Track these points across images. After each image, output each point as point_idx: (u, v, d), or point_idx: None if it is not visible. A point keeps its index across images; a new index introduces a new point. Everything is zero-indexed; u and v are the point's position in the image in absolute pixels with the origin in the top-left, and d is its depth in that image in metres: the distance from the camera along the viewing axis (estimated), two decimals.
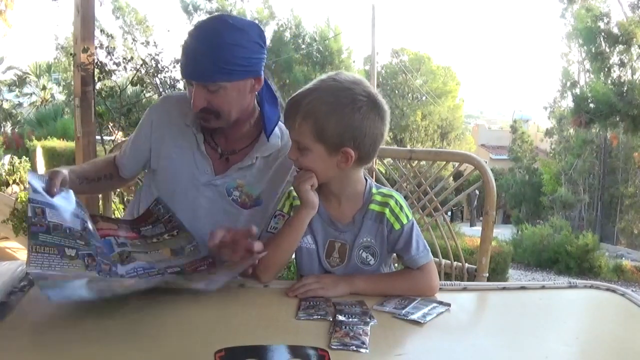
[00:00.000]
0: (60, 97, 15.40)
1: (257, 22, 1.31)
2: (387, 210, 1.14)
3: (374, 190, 1.17)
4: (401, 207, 1.15)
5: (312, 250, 1.18)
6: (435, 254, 1.57)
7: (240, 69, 1.23)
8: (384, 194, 1.17)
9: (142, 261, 1.11)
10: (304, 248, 1.19)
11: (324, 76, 1.12)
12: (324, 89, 1.08)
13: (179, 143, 1.36)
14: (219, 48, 1.20)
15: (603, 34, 10.63)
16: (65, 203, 1.05)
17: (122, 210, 3.16)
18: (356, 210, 1.16)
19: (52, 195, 1.03)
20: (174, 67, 6.80)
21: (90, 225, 1.06)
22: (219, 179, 1.35)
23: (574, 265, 9.73)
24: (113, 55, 4.10)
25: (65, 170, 1.11)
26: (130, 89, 4.69)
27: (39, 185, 1.03)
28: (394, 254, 1.25)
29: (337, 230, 1.17)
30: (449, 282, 1.23)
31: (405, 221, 1.15)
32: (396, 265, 1.36)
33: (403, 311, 1.02)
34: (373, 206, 1.15)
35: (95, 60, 3.51)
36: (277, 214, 1.23)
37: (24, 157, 6.86)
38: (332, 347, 0.86)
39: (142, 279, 1.07)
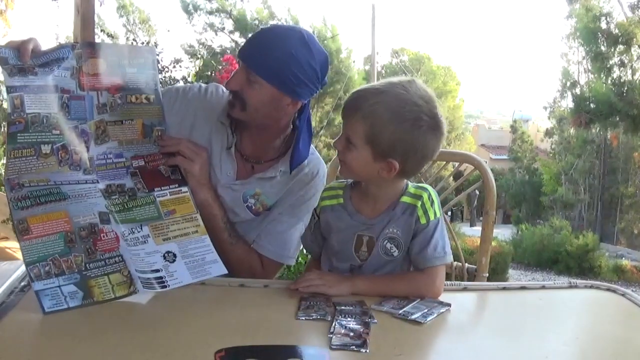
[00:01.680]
0: None
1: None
2: (418, 203, 1.13)
3: (409, 185, 1.17)
4: (432, 202, 1.14)
5: (334, 249, 1.19)
6: None
7: (284, 79, 1.21)
8: (418, 187, 1.16)
9: (115, 140, 1.14)
10: (330, 246, 1.20)
11: (395, 79, 1.10)
12: (392, 96, 1.07)
13: (210, 138, 1.34)
14: (279, 49, 1.20)
15: (603, 34, 10.62)
16: (42, 76, 1.05)
17: None
18: (388, 205, 1.15)
19: (25, 62, 1.02)
20: (174, 67, 6.82)
21: (67, 98, 1.08)
22: (238, 184, 1.34)
23: (574, 265, 9.73)
24: None
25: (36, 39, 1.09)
26: None
27: (11, 57, 1.03)
28: None
29: (364, 224, 1.16)
30: (449, 282, 1.23)
31: (432, 217, 1.13)
32: None
33: (401, 311, 1.02)
34: (405, 198, 1.14)
35: None
36: (313, 212, 1.25)
37: None
38: (332, 347, 0.86)
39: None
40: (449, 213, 11.43)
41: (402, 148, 1.06)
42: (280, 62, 1.20)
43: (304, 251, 1.45)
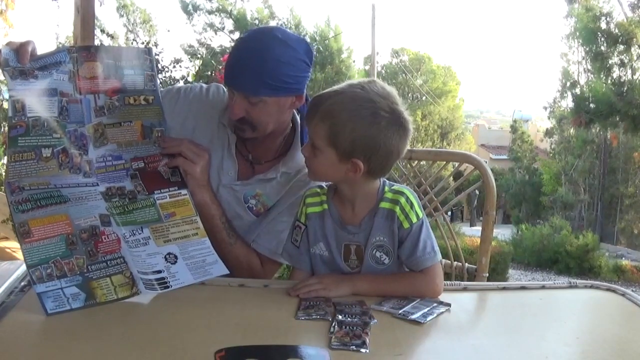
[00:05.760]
0: None
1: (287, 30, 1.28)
2: (397, 208, 1.12)
3: (386, 188, 1.16)
4: (412, 205, 1.13)
5: (325, 257, 1.18)
6: None
7: (284, 86, 1.22)
8: (395, 191, 1.14)
9: (114, 143, 1.13)
10: (318, 255, 1.18)
11: (354, 81, 1.10)
12: (348, 95, 1.06)
13: (212, 138, 1.34)
14: (267, 63, 1.19)
15: (603, 34, 10.62)
16: (42, 79, 1.05)
17: None
18: (368, 211, 1.15)
19: (24, 63, 1.02)
20: (174, 67, 6.83)
21: (66, 101, 1.08)
22: (239, 185, 1.34)
23: (574, 265, 9.72)
24: None
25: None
26: None
27: (12, 59, 1.03)
28: None
29: (350, 233, 1.15)
30: (449, 282, 1.23)
31: (414, 220, 1.12)
32: None
33: (401, 310, 1.02)
34: (384, 204, 1.14)
35: None
36: (296, 224, 1.22)
37: None
38: (332, 347, 0.86)
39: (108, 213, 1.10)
40: (449, 213, 11.43)
41: (362, 146, 1.05)
42: (273, 74, 1.20)
43: None
